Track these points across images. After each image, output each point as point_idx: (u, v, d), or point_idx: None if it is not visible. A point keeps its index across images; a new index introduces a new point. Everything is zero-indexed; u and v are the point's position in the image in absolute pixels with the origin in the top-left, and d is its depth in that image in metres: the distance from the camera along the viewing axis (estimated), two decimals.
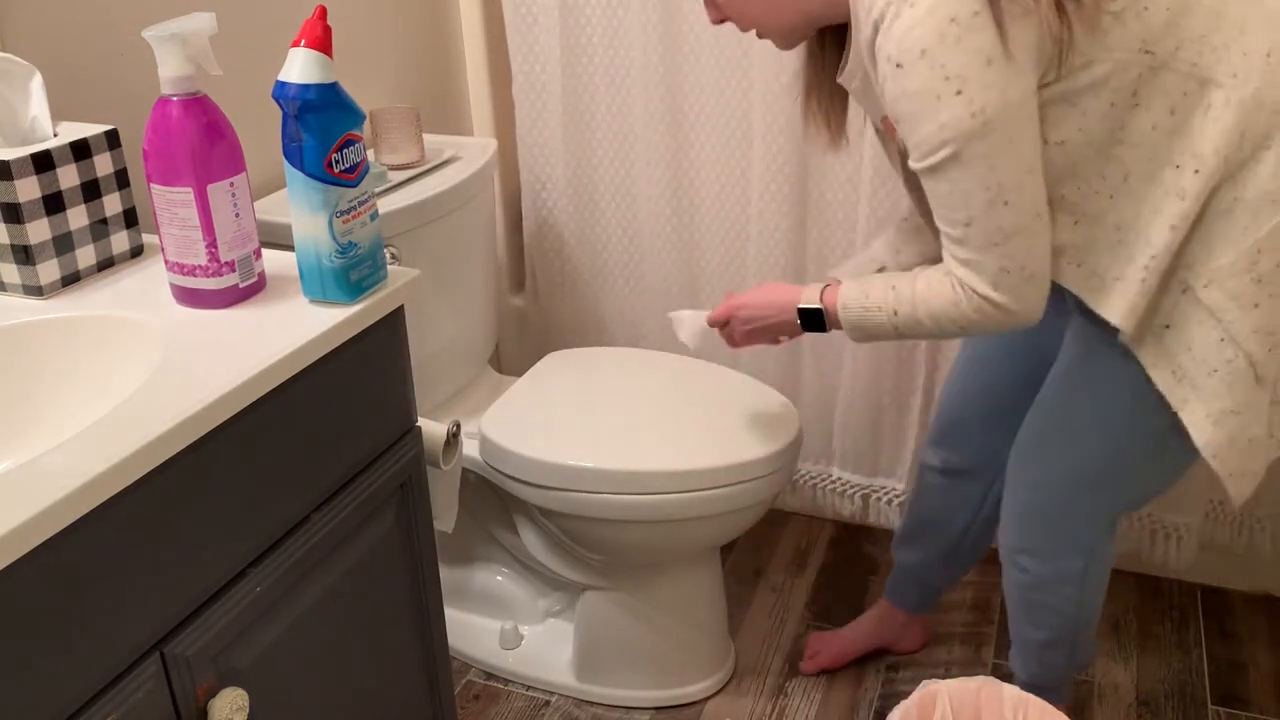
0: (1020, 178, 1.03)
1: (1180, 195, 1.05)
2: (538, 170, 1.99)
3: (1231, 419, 1.10)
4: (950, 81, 0.98)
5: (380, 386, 1.02)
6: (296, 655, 0.95)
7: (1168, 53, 1.03)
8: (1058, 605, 1.33)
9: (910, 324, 1.15)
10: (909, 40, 0.99)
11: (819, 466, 2.05)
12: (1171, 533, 1.85)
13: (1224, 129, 1.03)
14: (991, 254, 1.05)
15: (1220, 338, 1.08)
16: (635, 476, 1.44)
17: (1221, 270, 1.07)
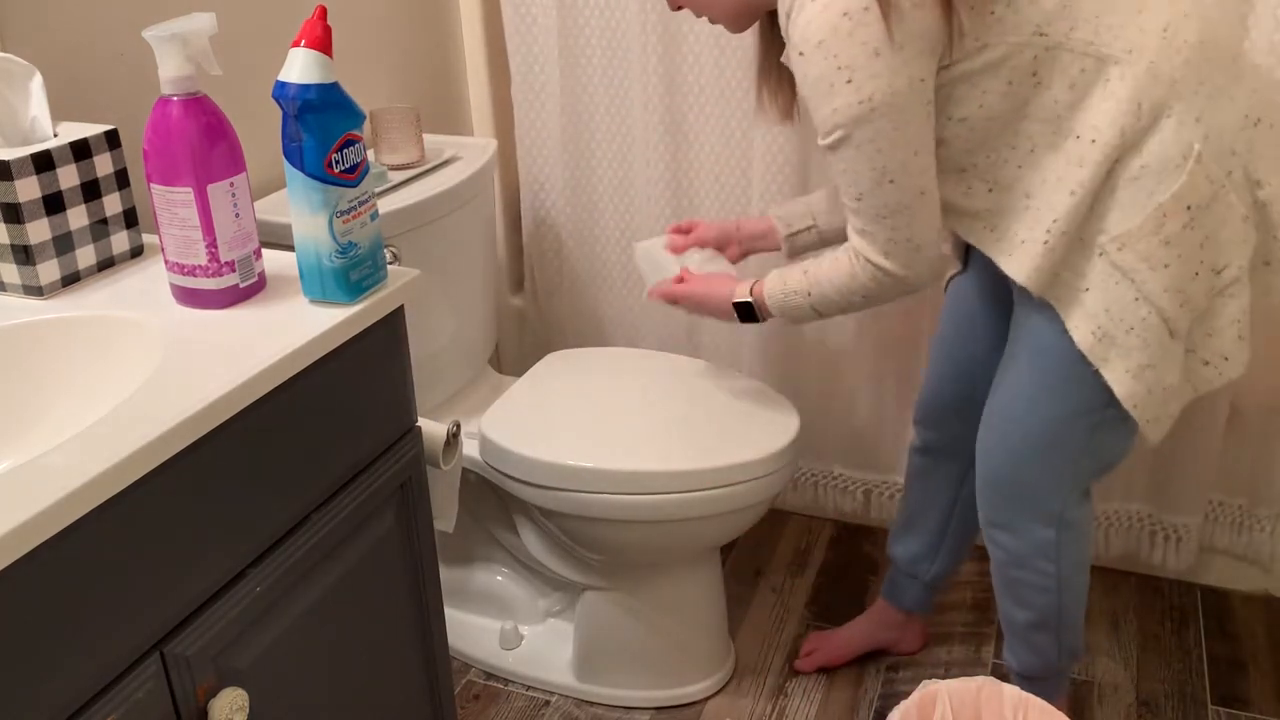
0: (905, 159, 1.13)
1: (1079, 163, 1.14)
2: (536, 170, 1.99)
3: (1148, 372, 1.18)
4: (841, 71, 1.09)
5: (380, 386, 1.02)
6: (296, 655, 0.95)
7: (1062, 34, 1.11)
8: (1037, 581, 1.36)
9: (822, 301, 1.29)
10: (809, 31, 1.10)
11: (820, 464, 2.05)
12: (1171, 534, 1.85)
13: (1120, 101, 1.11)
14: (880, 225, 1.17)
15: (1135, 297, 1.16)
16: (635, 476, 1.44)
17: (1131, 234, 1.15)
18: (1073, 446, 1.27)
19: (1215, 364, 1.22)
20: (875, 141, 1.12)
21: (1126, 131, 1.12)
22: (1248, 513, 1.82)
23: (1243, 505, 1.82)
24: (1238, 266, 1.18)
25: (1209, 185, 1.13)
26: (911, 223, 1.16)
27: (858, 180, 1.15)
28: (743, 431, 1.51)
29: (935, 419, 1.55)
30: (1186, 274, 1.16)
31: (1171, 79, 1.11)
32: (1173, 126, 1.12)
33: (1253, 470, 1.79)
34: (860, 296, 1.24)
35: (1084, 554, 1.37)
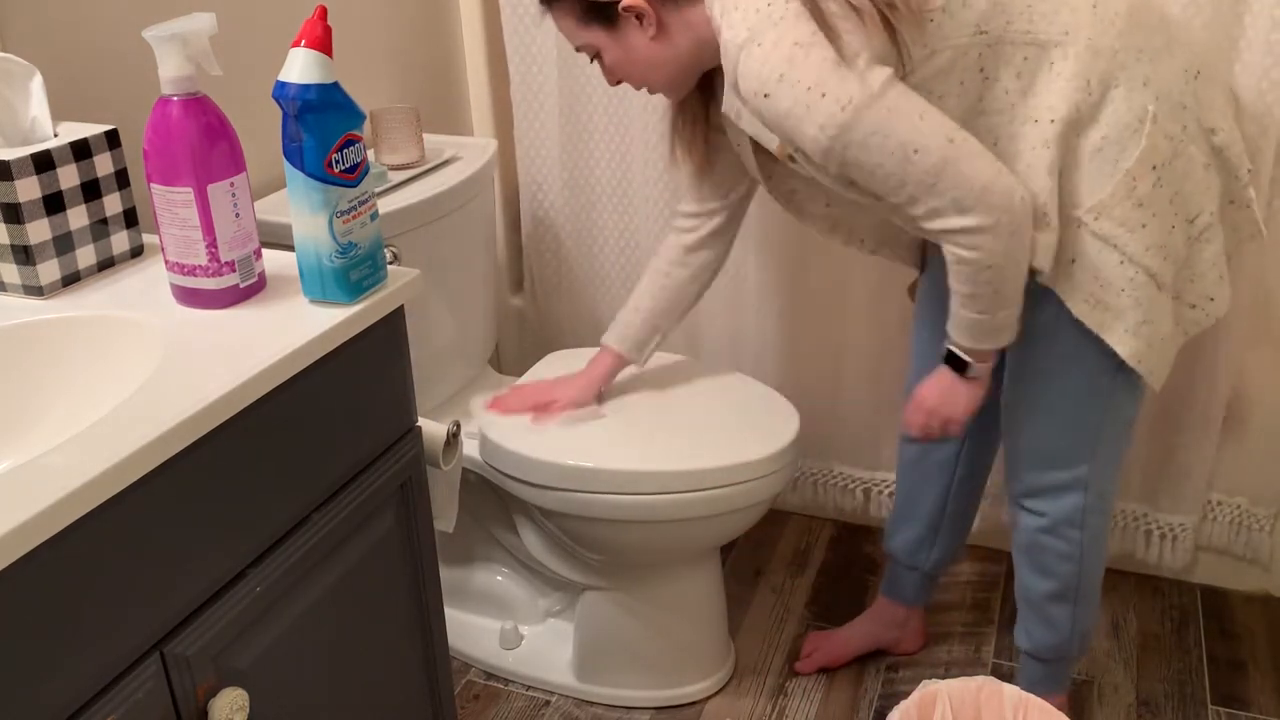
0: (914, 125, 1.13)
1: (1045, 145, 1.18)
2: (535, 171, 1.99)
3: (1145, 328, 1.24)
4: (812, 90, 1.12)
5: (380, 386, 1.02)
6: (296, 655, 0.95)
7: (1000, 28, 1.16)
8: (1063, 549, 1.40)
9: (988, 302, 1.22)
10: (765, 71, 1.13)
11: (819, 463, 2.05)
12: (1167, 533, 1.85)
13: (1067, 79, 1.16)
14: (937, 194, 1.15)
15: (1119, 260, 1.21)
16: (635, 476, 1.44)
17: (1105, 203, 1.19)
18: (1093, 413, 1.32)
19: (1202, 305, 1.29)
20: (877, 132, 1.12)
21: (1081, 107, 1.17)
22: (1247, 512, 1.82)
23: (1242, 505, 1.82)
24: (1209, 212, 1.24)
25: (1168, 143, 1.19)
26: (961, 170, 1.13)
27: (887, 171, 1.15)
28: (743, 431, 1.51)
29: None
30: (1164, 229, 1.21)
31: (1112, 50, 1.16)
32: (1123, 95, 1.17)
33: (1252, 469, 1.79)
34: (995, 271, 1.19)
35: (1104, 526, 1.41)
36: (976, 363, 1.28)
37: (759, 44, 1.13)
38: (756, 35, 1.13)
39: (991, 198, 1.14)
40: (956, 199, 1.14)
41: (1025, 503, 1.41)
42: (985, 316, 1.23)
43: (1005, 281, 1.20)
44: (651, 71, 1.30)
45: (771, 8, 1.13)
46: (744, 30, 1.14)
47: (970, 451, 1.58)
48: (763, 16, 1.13)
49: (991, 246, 1.16)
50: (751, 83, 1.14)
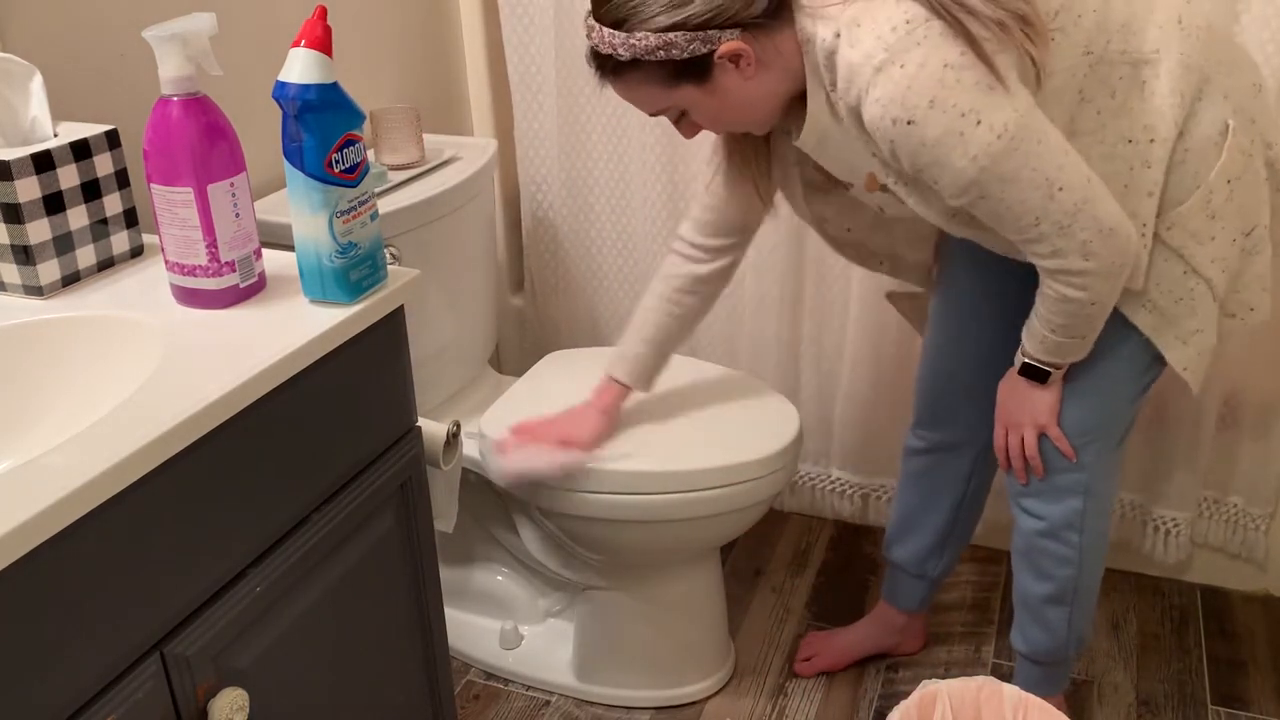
0: (1060, 163, 1.09)
1: (1146, 164, 1.16)
2: (534, 171, 1.99)
3: (1198, 337, 1.24)
4: (967, 116, 1.04)
5: (380, 386, 1.02)
6: (296, 655, 0.95)
7: (1102, 48, 1.13)
8: (1062, 552, 1.39)
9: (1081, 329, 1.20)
10: (912, 97, 1.04)
11: (818, 467, 2.05)
12: (1160, 526, 1.85)
13: (1164, 97, 1.14)
14: (1069, 235, 1.11)
15: (1184, 270, 1.20)
16: (635, 476, 1.44)
17: (1182, 214, 1.18)
18: (1105, 417, 1.31)
19: (1241, 315, 1.28)
20: (1027, 164, 1.07)
21: (1179, 122, 1.15)
22: (1243, 511, 1.82)
23: (1237, 504, 1.82)
24: (1263, 225, 1.23)
25: (1242, 157, 1.18)
26: (1096, 212, 1.10)
27: (1027, 207, 1.09)
28: (743, 431, 1.51)
29: (941, 419, 1.55)
30: (1228, 242, 1.21)
31: (1200, 65, 1.15)
32: (1206, 108, 1.16)
33: (1247, 469, 1.79)
34: (1095, 305, 1.17)
35: (1104, 529, 1.40)
36: (1057, 369, 1.27)
37: (901, 65, 1.03)
38: (897, 56, 1.03)
39: (1116, 241, 1.11)
40: (1085, 241, 1.11)
41: (1025, 504, 1.40)
42: (1075, 340, 1.22)
43: (1102, 315, 1.19)
44: (746, 112, 1.17)
45: (912, 26, 1.03)
46: (880, 51, 1.04)
47: (983, 463, 1.56)
48: (901, 35, 1.03)
49: (1101, 288, 1.15)
50: (892, 109, 1.04)
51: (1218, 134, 1.16)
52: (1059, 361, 1.25)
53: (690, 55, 1.09)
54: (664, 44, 1.08)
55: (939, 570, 1.65)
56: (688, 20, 1.07)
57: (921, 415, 1.57)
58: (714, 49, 1.08)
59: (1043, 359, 1.26)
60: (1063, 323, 1.20)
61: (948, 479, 1.58)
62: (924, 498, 1.61)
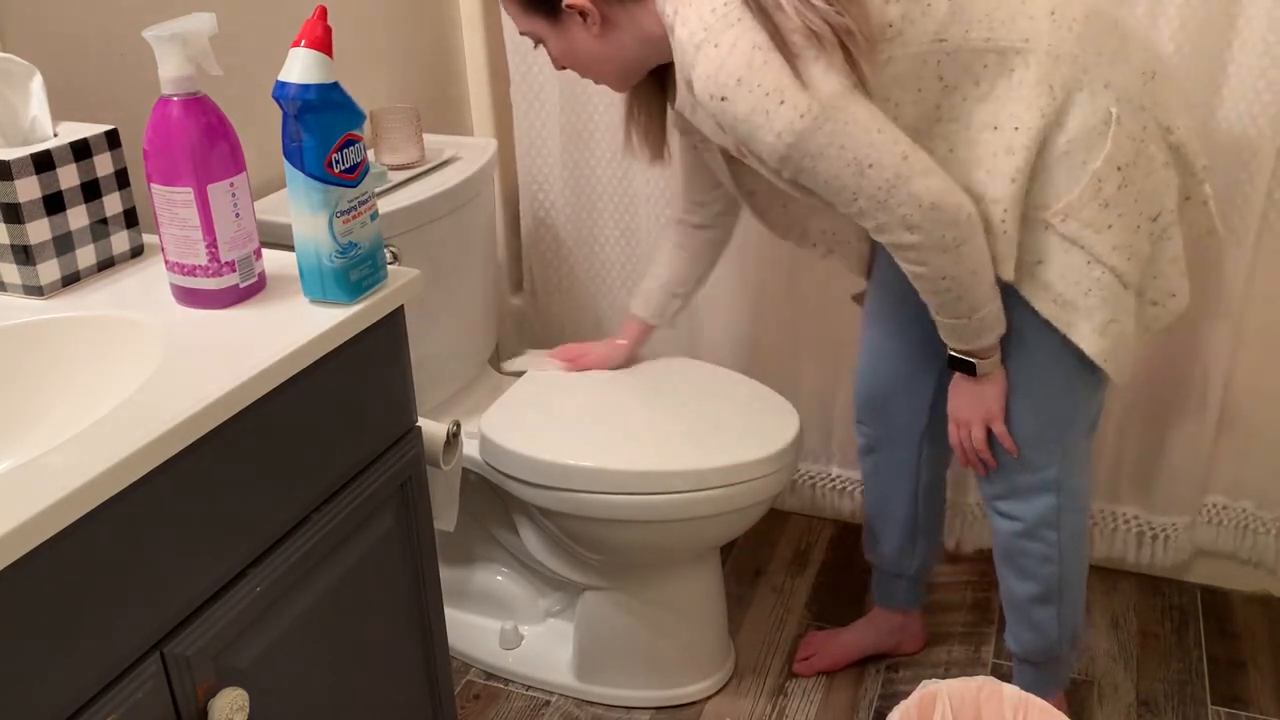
0: (870, 140, 1.12)
1: (1009, 152, 1.18)
2: (535, 171, 1.99)
3: (1113, 326, 1.25)
4: (771, 95, 1.10)
5: (380, 386, 1.02)
6: (296, 655, 0.95)
7: (960, 36, 1.16)
8: (1041, 551, 1.40)
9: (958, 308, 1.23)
10: (723, 75, 1.11)
11: (818, 465, 2.05)
12: (1159, 534, 1.85)
13: (1030, 86, 1.17)
14: (887, 211, 1.15)
15: (1087, 260, 1.22)
16: (635, 476, 1.44)
17: (1073, 205, 1.20)
18: (1060, 414, 1.32)
19: (1163, 302, 1.30)
20: (835, 140, 1.12)
21: (1045, 112, 1.17)
22: (1253, 516, 1.81)
23: (1247, 509, 1.81)
24: (1169, 210, 1.25)
25: (1131, 143, 1.20)
26: (912, 188, 1.14)
27: (841, 183, 1.15)
28: (743, 431, 1.51)
29: (876, 414, 1.57)
30: (1129, 229, 1.22)
31: (1072, 55, 1.17)
32: (1086, 98, 1.18)
33: (1258, 474, 1.79)
34: (946, 279, 1.20)
35: (1082, 524, 1.41)
36: (980, 359, 1.29)
37: (716, 45, 1.11)
38: (713, 35, 1.11)
39: (940, 214, 1.15)
40: (905, 216, 1.15)
41: (999, 506, 1.41)
42: (962, 321, 1.24)
43: (966, 289, 1.20)
44: (595, 66, 1.29)
45: (729, 8, 1.10)
46: (700, 30, 1.12)
47: (930, 456, 1.58)
48: (719, 16, 1.11)
49: (939, 262, 1.18)
50: (708, 85, 1.12)
51: (1101, 123, 1.18)
52: (968, 348, 1.27)
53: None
54: None
55: (916, 566, 1.66)
56: None
57: (859, 412, 1.60)
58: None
59: (955, 347, 1.28)
60: (935, 302, 1.23)
61: (898, 474, 1.60)
62: (882, 495, 1.63)
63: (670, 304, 1.61)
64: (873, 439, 1.60)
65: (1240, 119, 1.55)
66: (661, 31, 1.20)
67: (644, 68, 1.29)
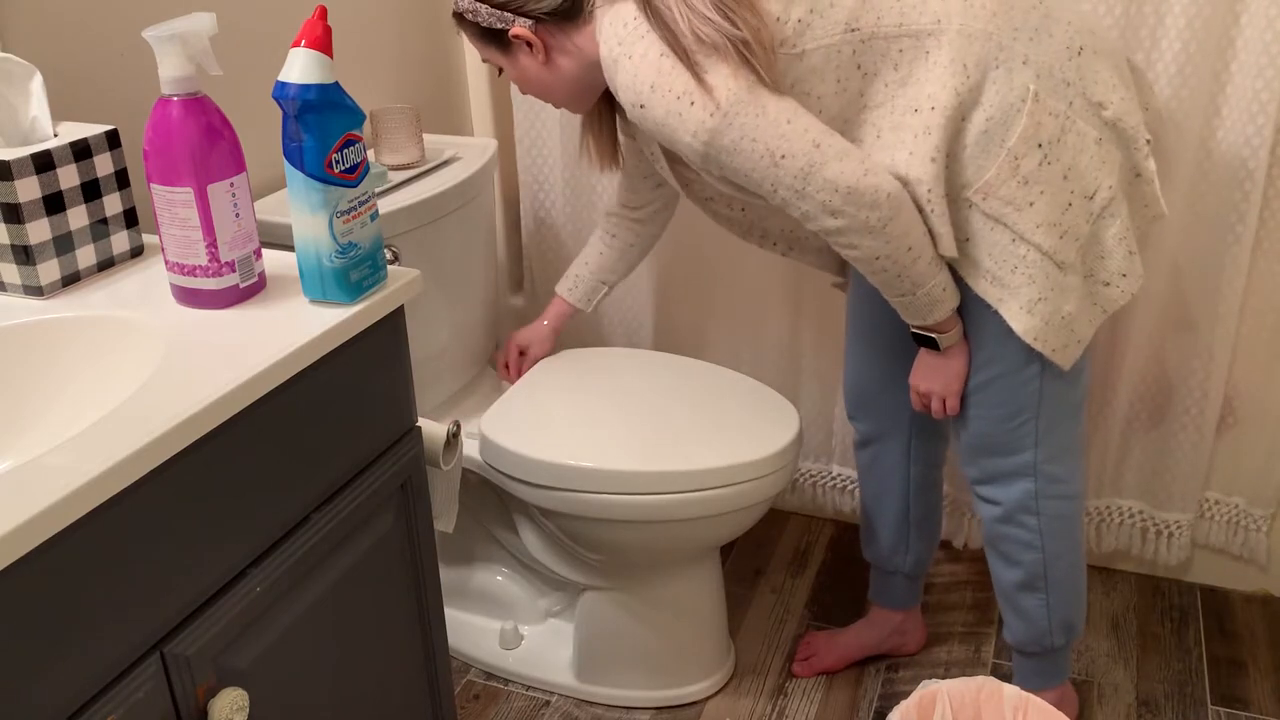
0: (781, 131, 1.15)
1: (927, 131, 1.19)
2: (535, 171, 1.99)
3: (1042, 305, 1.25)
4: (681, 99, 1.15)
5: (380, 386, 1.02)
6: (296, 655, 0.95)
7: (871, 24, 1.18)
8: (1022, 536, 1.42)
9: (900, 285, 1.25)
10: (637, 83, 1.17)
11: (819, 464, 2.05)
12: (1164, 530, 1.85)
13: (943, 66, 1.18)
14: (806, 199, 1.18)
15: (1011, 238, 1.23)
16: (635, 476, 1.44)
17: (990, 183, 1.21)
18: (1026, 397, 1.33)
19: (1115, 283, 1.29)
20: (745, 136, 1.15)
21: (960, 91, 1.18)
22: (1244, 512, 1.82)
23: (1239, 504, 1.82)
24: (1108, 187, 1.24)
25: (1053, 120, 1.20)
26: (826, 175, 1.16)
27: (759, 176, 1.18)
28: (743, 431, 1.51)
29: (866, 409, 1.58)
30: (1057, 207, 1.22)
31: (985, 33, 1.18)
32: (1003, 75, 1.19)
33: (1249, 469, 1.79)
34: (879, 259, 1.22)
35: (1067, 511, 1.41)
36: (939, 333, 1.30)
37: (629, 56, 1.16)
38: (627, 48, 1.17)
39: (858, 197, 1.17)
40: (825, 202, 1.17)
41: (979, 490, 1.43)
42: (908, 298, 1.26)
43: (904, 267, 1.22)
44: (547, 91, 1.34)
45: (638, 22, 1.16)
46: (616, 44, 1.18)
47: (919, 450, 1.58)
48: (630, 30, 1.17)
49: (868, 244, 1.20)
50: (628, 94, 1.18)
51: (1018, 99, 1.19)
52: (924, 323, 1.29)
53: (489, 26, 1.28)
54: (472, 9, 1.28)
55: (910, 564, 1.66)
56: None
57: (849, 406, 1.61)
58: (508, 28, 1.26)
59: (912, 323, 1.31)
60: (877, 281, 1.25)
61: (889, 470, 1.61)
62: (876, 490, 1.64)
63: (597, 290, 1.68)
64: (864, 435, 1.61)
65: (1240, 117, 1.55)
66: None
67: (595, 89, 1.33)
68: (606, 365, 1.72)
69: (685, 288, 1.97)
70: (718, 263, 1.92)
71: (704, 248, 1.92)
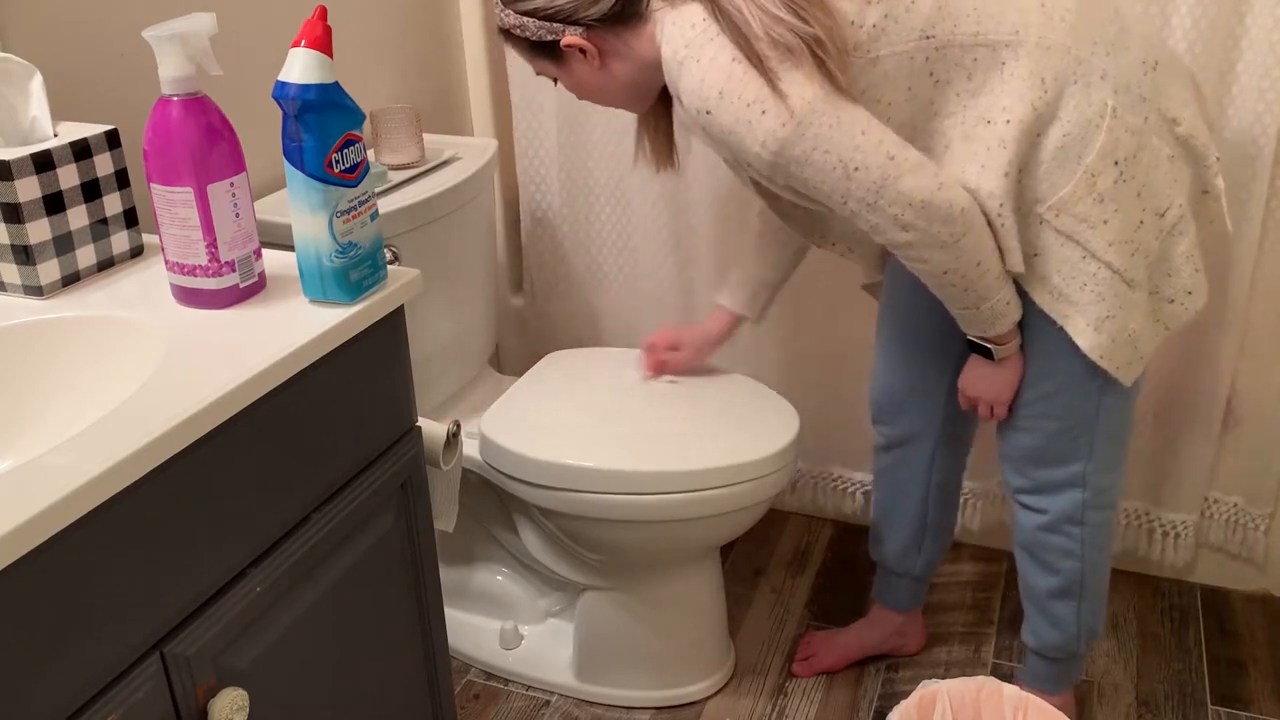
0: (855, 143, 1.13)
1: (1001, 145, 1.17)
2: (535, 171, 1.99)
3: (1109, 323, 1.24)
4: (752, 106, 1.12)
5: (380, 386, 1.02)
6: (296, 655, 0.95)
7: (947, 32, 1.16)
8: (1064, 545, 1.40)
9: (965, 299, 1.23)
10: (705, 88, 1.13)
11: (819, 466, 2.05)
12: (1169, 530, 1.85)
13: (1021, 79, 1.16)
14: (878, 212, 1.16)
15: (1082, 255, 1.21)
16: (635, 476, 1.44)
17: (1065, 199, 1.19)
18: (1084, 410, 1.31)
19: (1180, 300, 1.29)
20: (817, 147, 1.13)
21: (1037, 105, 1.16)
22: (1243, 511, 1.82)
23: (1238, 504, 1.82)
24: (1179, 205, 1.23)
25: (1130, 136, 1.18)
26: (900, 188, 1.14)
27: (829, 188, 1.15)
28: (743, 431, 1.51)
29: (894, 413, 1.57)
30: (1130, 225, 1.21)
31: (1064, 47, 1.16)
32: (1081, 90, 1.17)
33: (1247, 469, 1.79)
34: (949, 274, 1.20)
35: (1109, 520, 1.40)
36: (998, 345, 1.29)
37: (697, 60, 1.13)
38: (694, 51, 1.13)
39: (931, 211, 1.15)
40: (896, 216, 1.15)
41: (1023, 499, 1.41)
42: (972, 311, 1.24)
43: (971, 282, 1.20)
44: (604, 95, 1.31)
45: (706, 24, 1.13)
46: (682, 47, 1.15)
47: (943, 457, 1.57)
48: (698, 32, 1.13)
49: (939, 258, 1.18)
50: (693, 100, 1.15)
51: (1096, 115, 1.17)
52: (983, 334, 1.27)
53: (539, 39, 1.24)
54: (519, 25, 1.24)
55: (920, 567, 1.65)
56: (536, 10, 1.23)
57: (875, 412, 1.60)
58: (559, 39, 1.23)
59: (971, 334, 1.29)
60: (942, 295, 1.24)
61: (910, 473, 1.59)
62: (892, 494, 1.62)
63: (760, 294, 1.57)
64: (888, 438, 1.59)
65: (1246, 117, 1.55)
66: (657, 56, 1.21)
67: (653, 89, 1.30)
68: (606, 365, 1.71)
69: (685, 287, 1.97)
70: (718, 263, 1.92)
71: (704, 247, 1.92)
